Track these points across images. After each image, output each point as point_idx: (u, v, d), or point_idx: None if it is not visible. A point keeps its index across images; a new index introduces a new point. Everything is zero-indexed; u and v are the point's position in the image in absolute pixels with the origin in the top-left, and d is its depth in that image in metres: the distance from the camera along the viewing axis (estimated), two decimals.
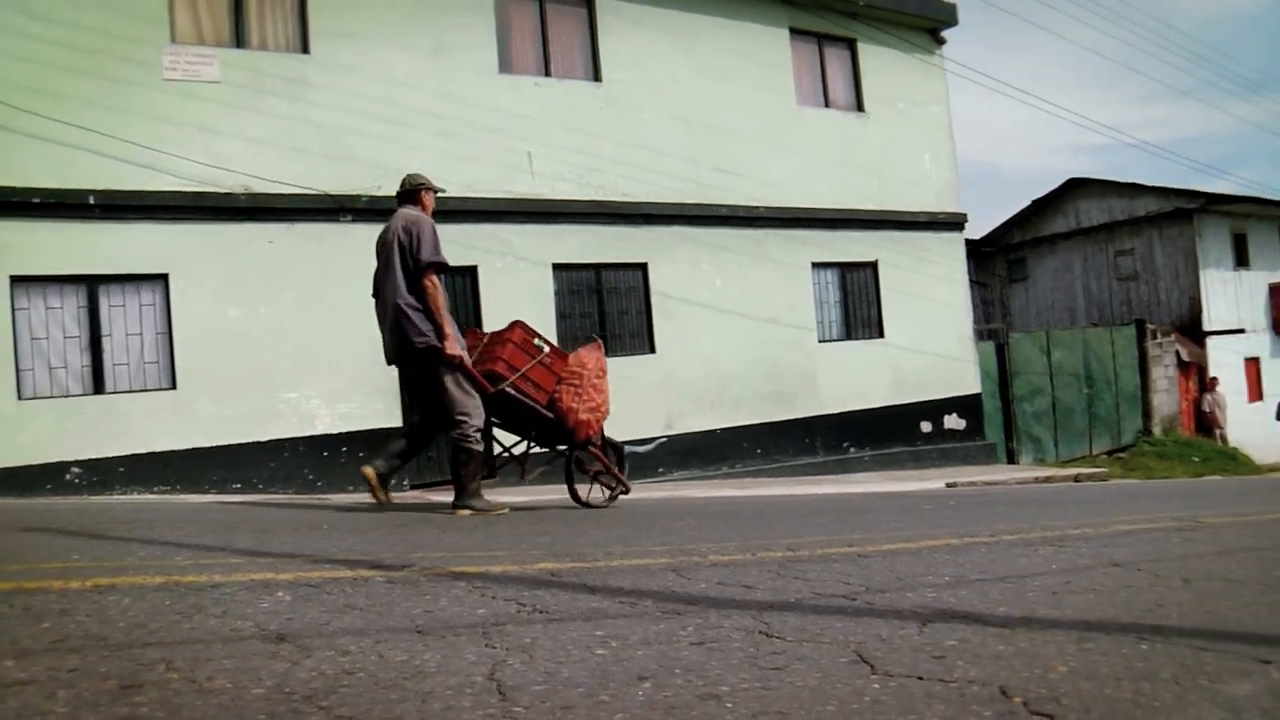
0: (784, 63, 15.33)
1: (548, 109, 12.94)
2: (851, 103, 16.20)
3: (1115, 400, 21.35)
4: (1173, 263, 25.01)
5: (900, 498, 10.19)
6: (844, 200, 15.39)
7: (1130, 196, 25.79)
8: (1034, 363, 18.96)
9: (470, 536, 5.82)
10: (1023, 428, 18.44)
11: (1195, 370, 24.06)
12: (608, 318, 13.17)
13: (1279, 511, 8.59)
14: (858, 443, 15.01)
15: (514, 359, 6.99)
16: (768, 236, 14.50)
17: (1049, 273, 27.55)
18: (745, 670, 2.58)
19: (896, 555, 5.07)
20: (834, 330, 15.21)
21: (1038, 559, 5.05)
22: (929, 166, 16.67)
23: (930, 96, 16.98)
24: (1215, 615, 3.66)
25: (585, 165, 13.03)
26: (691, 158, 13.91)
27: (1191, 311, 24.61)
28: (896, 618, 3.36)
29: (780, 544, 5.37)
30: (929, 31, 17.16)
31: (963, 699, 2.34)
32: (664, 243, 13.58)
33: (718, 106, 14.36)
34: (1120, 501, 10.25)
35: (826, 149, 15.50)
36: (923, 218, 16.25)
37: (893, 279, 15.73)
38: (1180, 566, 4.86)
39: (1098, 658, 2.84)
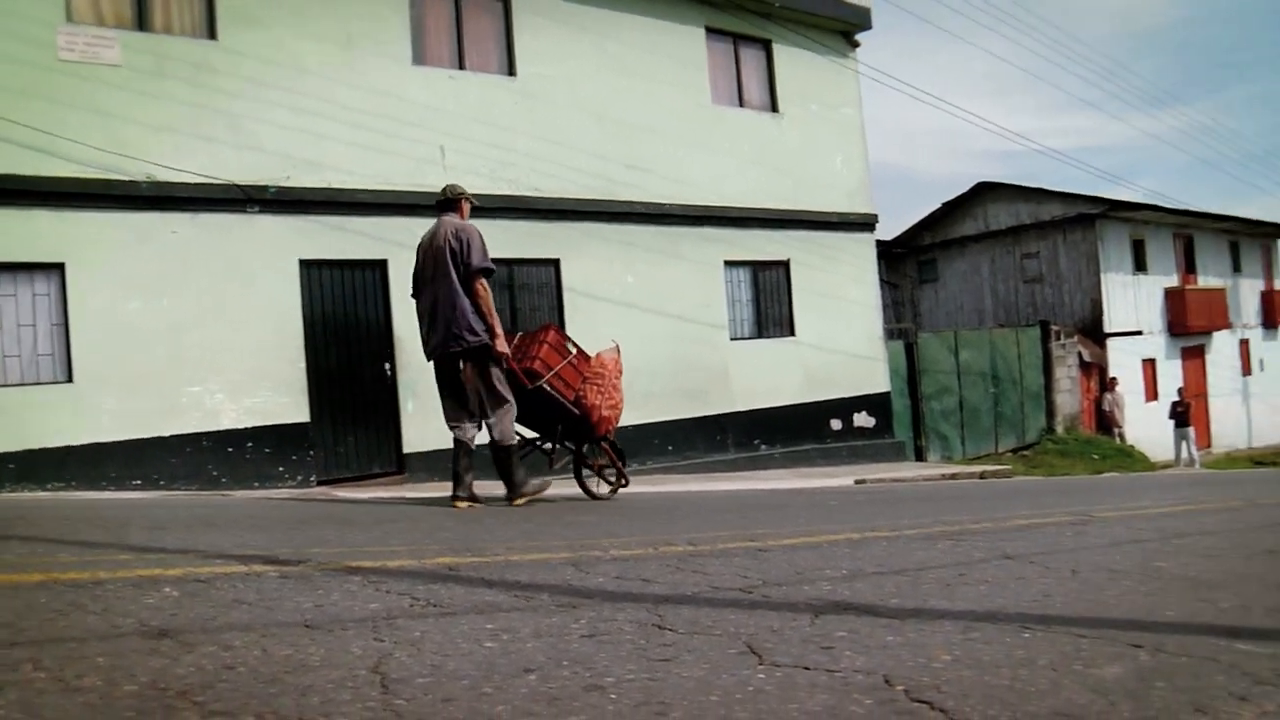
0: (699, 61, 15.39)
1: (461, 102, 12.82)
2: (766, 103, 16.32)
3: (1020, 399, 21.85)
4: (1076, 266, 25.69)
5: (808, 494, 10.31)
6: (757, 199, 15.51)
7: (1037, 201, 26.43)
8: (942, 362, 19.32)
9: (370, 532, 5.76)
10: (931, 426, 18.78)
11: (1096, 370, 24.74)
12: (519, 313, 13.09)
13: (1165, 506, 8.86)
14: (769, 440, 15.14)
15: (549, 359, 7.61)
16: (680, 234, 14.54)
17: (958, 274, 28.11)
18: (633, 662, 2.58)
19: (797, 550, 5.13)
20: (746, 328, 15.33)
21: (935, 552, 5.15)
22: (841, 167, 16.87)
23: (843, 98, 17.19)
24: (1097, 604, 3.76)
25: (498, 160, 12.93)
26: (605, 154, 13.89)
27: (1093, 314, 25.30)
28: (790, 610, 3.39)
29: (682, 539, 5.39)
30: (843, 34, 17.37)
31: (846, 688, 2.38)
32: (576, 239, 13.55)
33: (632, 103, 14.37)
34: (1021, 497, 10.49)
35: (740, 148, 15.59)
36: (834, 218, 16.45)
37: (804, 278, 15.89)
38: (1070, 559, 4.98)
39: (981, 646, 2.90)
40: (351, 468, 11.88)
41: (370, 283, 12.08)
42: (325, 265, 11.71)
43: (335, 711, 2.07)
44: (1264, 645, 3.12)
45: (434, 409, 12.05)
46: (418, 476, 12.04)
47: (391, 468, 12.11)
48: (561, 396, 7.69)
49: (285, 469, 11.19)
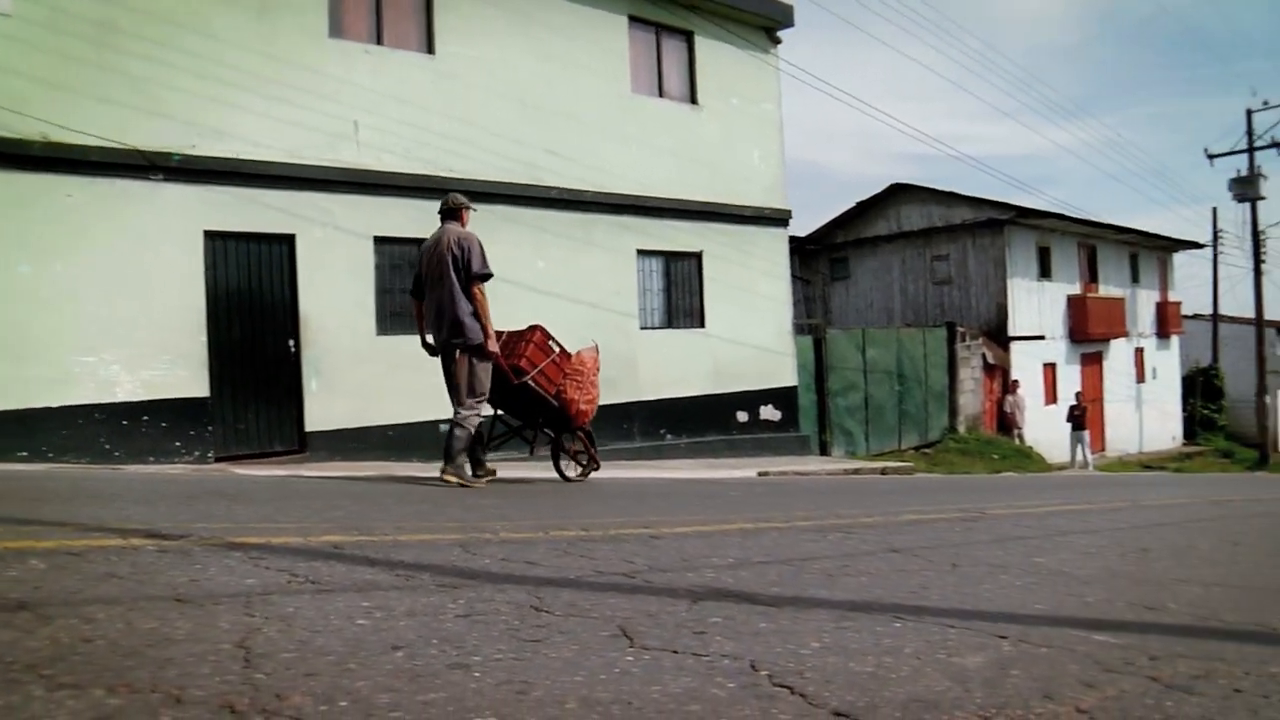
0: (621, 50, 15.37)
1: (378, 78, 12.63)
2: (686, 94, 16.37)
3: (924, 398, 22.27)
4: (984, 270, 26.23)
5: (709, 484, 10.39)
6: (673, 190, 15.55)
7: (948, 205, 26.92)
8: (850, 359, 19.60)
9: (261, 508, 5.67)
10: (836, 421, 19.05)
11: (999, 373, 25.32)
12: None
13: (1054, 505, 9.12)
14: (675, 430, 15.23)
15: (534, 357, 8.35)
16: (594, 221, 14.53)
17: (869, 273, 28.52)
18: (504, 642, 2.59)
19: (688, 538, 5.17)
20: (656, 318, 15.37)
21: (824, 544, 5.23)
22: (758, 162, 17.00)
23: (763, 94, 17.31)
24: (973, 596, 3.86)
25: (413, 138, 12.78)
26: (522, 138, 13.81)
27: (999, 317, 25.87)
28: (670, 596, 3.43)
29: (575, 524, 5.41)
30: (765, 30, 17.48)
31: (711, 671, 2.41)
32: (489, 222, 13.40)
33: (552, 89, 14.30)
34: (918, 494, 10.70)
35: (658, 138, 15.62)
36: (749, 212, 16.58)
37: (716, 270, 15.99)
38: (953, 553, 5.11)
39: (852, 635, 2.96)
40: (251, 444, 11.66)
41: (277, 257, 11.86)
42: (231, 238, 11.46)
43: (191, 684, 2.04)
44: (1120, 636, 3.24)
45: (338, 388, 11.99)
46: (319, 455, 11.88)
47: (293, 446, 11.93)
48: (543, 391, 8.43)
49: (182, 444, 10.95)
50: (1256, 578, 4.99)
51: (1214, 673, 2.85)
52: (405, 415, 12.56)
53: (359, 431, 12.23)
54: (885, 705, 2.22)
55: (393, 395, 12.46)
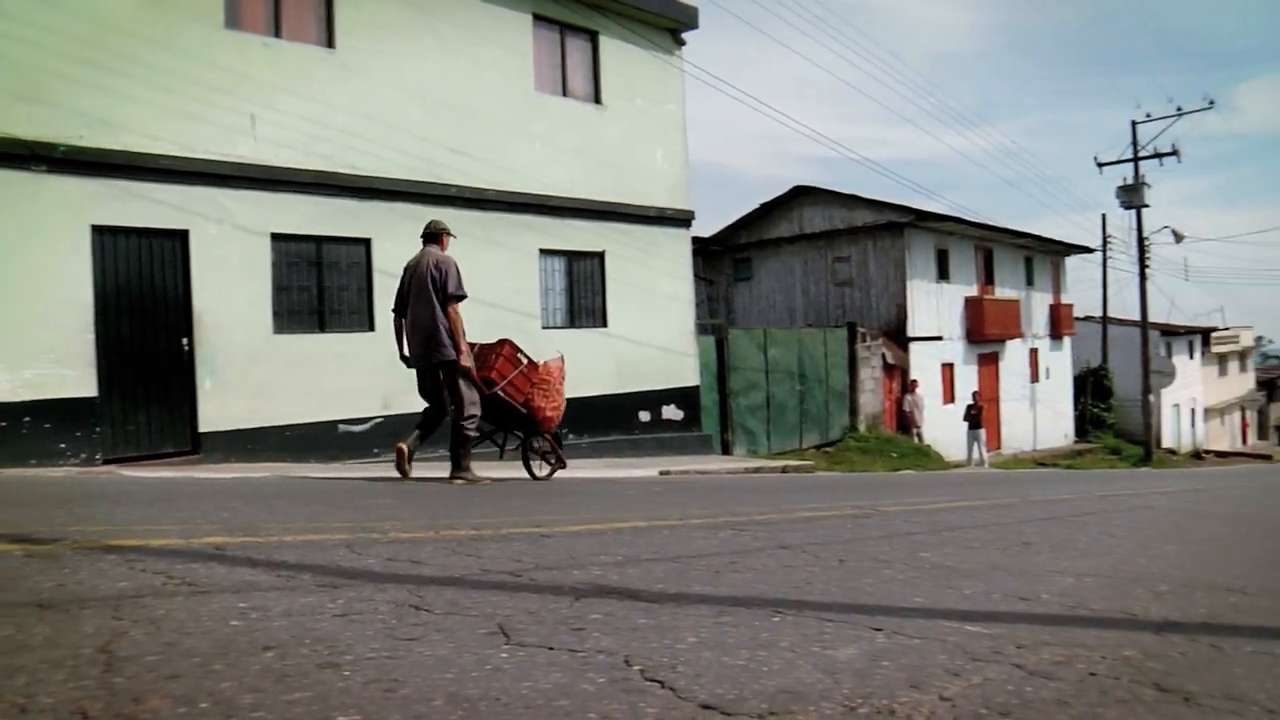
0: (525, 49, 15.33)
1: (276, 71, 12.41)
2: (590, 94, 16.39)
3: (825, 397, 22.61)
4: (884, 272, 26.72)
5: (608, 483, 10.42)
6: (576, 190, 15.56)
7: (850, 207, 27.37)
8: (751, 359, 19.80)
9: (144, 510, 5.54)
10: (738, 421, 19.23)
11: (899, 373, 25.82)
12: (328, 293, 12.80)
13: (946, 502, 9.33)
14: (577, 430, 15.21)
15: (503, 369, 9.13)
16: (497, 220, 14.47)
17: (772, 274, 28.85)
18: (378, 641, 2.57)
19: (579, 536, 5.18)
20: (558, 318, 15.36)
21: (715, 541, 5.28)
22: (661, 163, 17.09)
23: (667, 95, 17.40)
24: (854, 590, 3.93)
25: (312, 134, 12.59)
26: (424, 135, 13.69)
27: (898, 318, 26.38)
28: (553, 593, 3.43)
29: (468, 524, 5.38)
30: (670, 31, 17.59)
31: (583, 667, 2.42)
32: (390, 219, 13.31)
33: (455, 86, 14.21)
34: (816, 491, 10.86)
35: (562, 138, 15.62)
36: (652, 212, 16.66)
37: (619, 270, 16.04)
38: (842, 549, 5.19)
39: (730, 629, 3.00)
40: (142, 446, 11.37)
41: (170, 254, 11.59)
42: (121, 233, 11.17)
43: (41, 691, 1.99)
44: (991, 626, 3.34)
45: (233, 387, 11.74)
46: (214, 456, 11.64)
47: (186, 446, 11.67)
48: (512, 400, 9.20)
49: (68, 446, 10.63)
50: (1126, 567, 5.16)
51: (1074, 658, 2.95)
52: (303, 415, 12.38)
53: (255, 432, 12.00)
54: (754, 697, 2.25)
55: (290, 395, 12.27)
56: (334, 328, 12.83)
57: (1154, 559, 5.64)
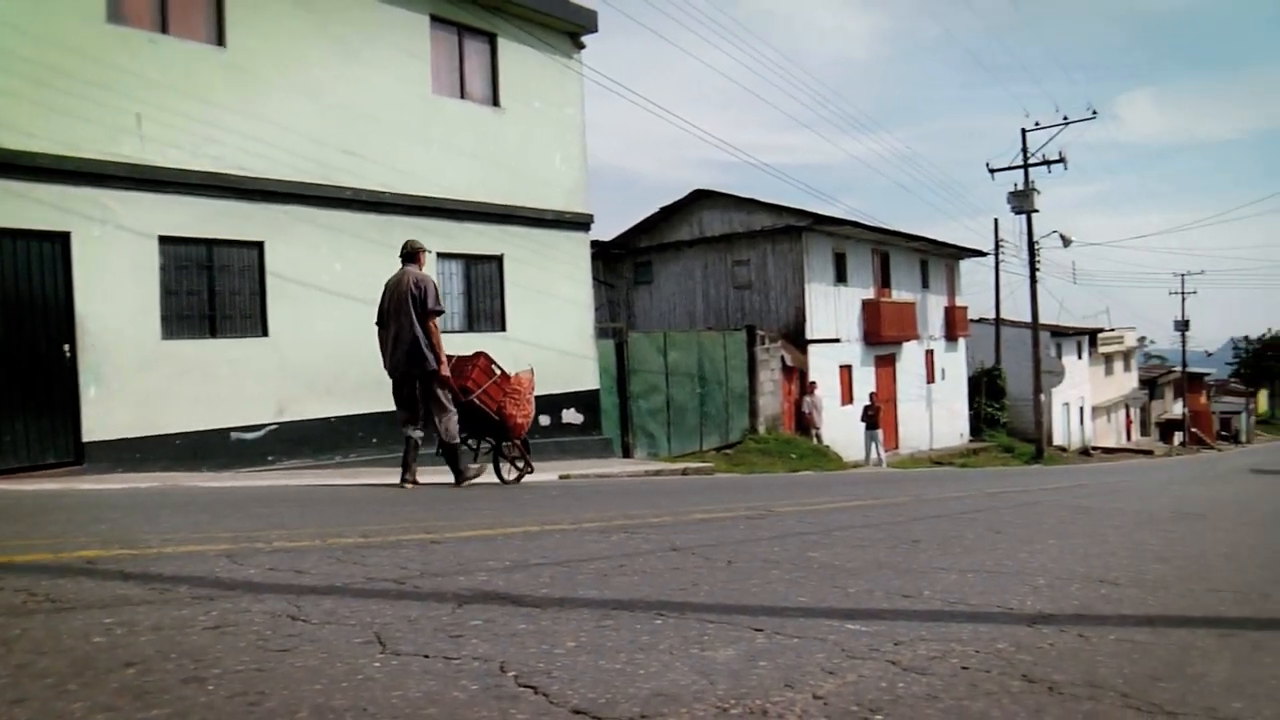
0: (422, 50, 15.17)
1: (163, 69, 12.06)
2: (488, 97, 16.28)
3: (725, 400, 22.79)
4: (783, 275, 27.04)
5: (504, 488, 10.36)
6: (473, 193, 15.45)
7: (749, 211, 27.63)
8: (651, 362, 19.87)
9: (15, 526, 5.35)
10: (638, 424, 19.28)
11: (797, 374, 26.15)
12: (218, 297, 12.49)
13: (841, 502, 9.46)
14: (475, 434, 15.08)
15: (478, 379, 9.84)
16: (393, 223, 14.26)
17: (673, 277, 28.99)
18: (249, 654, 2.52)
19: (469, 541, 5.14)
20: (457, 321, 15.21)
21: (606, 544, 5.28)
22: (560, 166, 17.06)
23: (566, 98, 17.38)
24: (740, 591, 3.96)
25: (202, 134, 12.28)
26: (318, 137, 13.46)
27: (797, 320, 26.72)
28: (436, 600, 3.40)
29: (356, 531, 5.30)
30: (569, 35, 17.56)
31: (457, 674, 2.40)
32: (283, 222, 13.06)
33: (349, 87, 13.99)
34: (713, 493, 10.93)
35: (460, 140, 15.49)
36: (550, 216, 16.61)
37: (518, 274, 15.96)
38: (732, 550, 5.23)
39: (611, 633, 3.00)
40: (20, 457, 10.95)
41: (50, 256, 11.20)
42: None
43: None
44: (871, 624, 3.39)
45: (119, 395, 11.40)
46: (99, 467, 11.28)
47: (69, 457, 11.28)
48: (486, 408, 9.92)
49: None
50: (1008, 562, 5.29)
51: (949, 653, 3.02)
52: (194, 423, 12.08)
53: (143, 441, 11.66)
54: (626, 701, 2.25)
55: (180, 402, 11.95)
56: (226, 333, 12.54)
57: (1035, 554, 5.79)
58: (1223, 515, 9.53)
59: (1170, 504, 10.84)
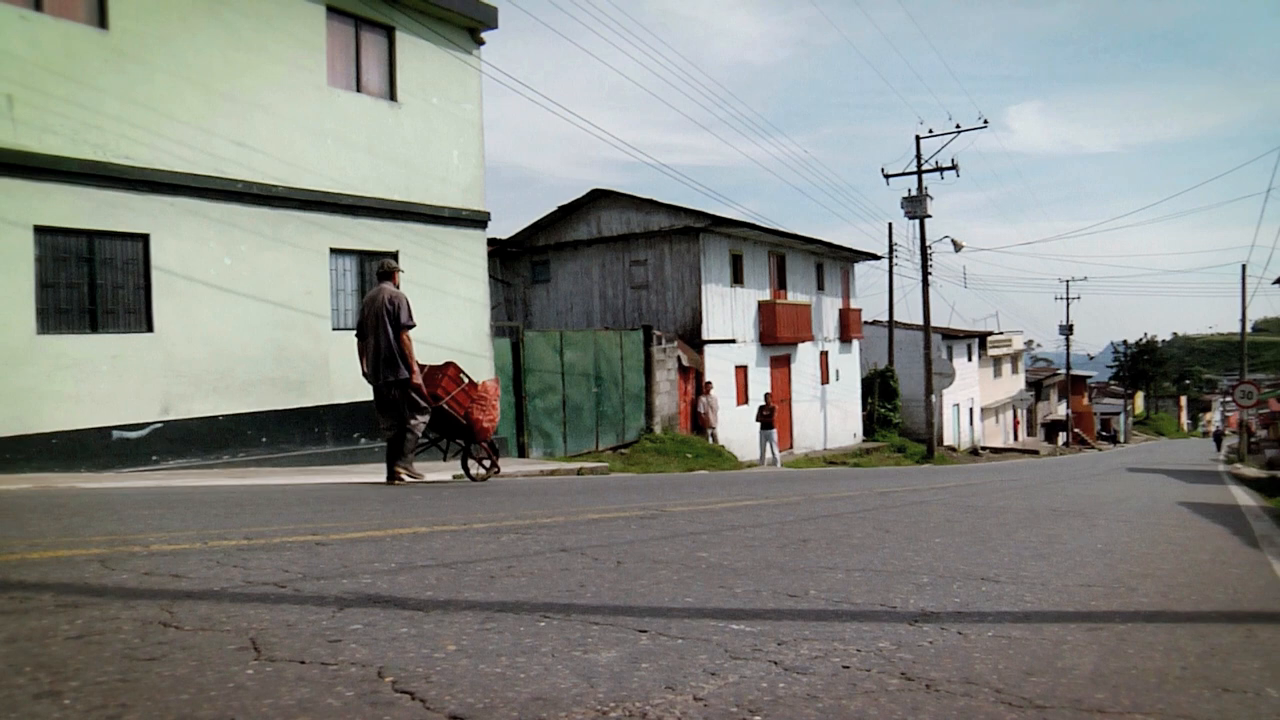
0: (318, 41, 14.86)
1: (38, 49, 11.55)
2: (385, 91, 16.04)
3: (621, 399, 22.81)
4: (680, 276, 27.17)
5: (397, 489, 10.20)
6: (369, 188, 15.21)
7: (647, 211, 27.70)
8: (547, 361, 19.80)
9: None
10: (534, 423, 19.19)
11: (694, 375, 26.30)
12: (100, 290, 12.06)
13: (733, 501, 9.53)
14: (369, 433, 14.86)
15: (448, 386, 10.88)
16: (286, 218, 13.98)
17: (570, 276, 28.93)
18: (114, 663, 2.43)
19: (357, 543, 5.05)
20: (349, 319, 14.94)
21: (495, 545, 5.23)
22: (457, 162, 16.89)
23: (464, 94, 17.21)
24: (628, 593, 3.96)
25: (82, 120, 11.84)
26: (207, 127, 13.10)
27: (694, 321, 26.88)
28: (317, 604, 3.33)
29: (240, 533, 5.17)
30: (469, 30, 17.39)
31: (333, 680, 2.35)
32: (171, 215, 12.68)
33: (241, 76, 13.63)
34: (607, 493, 10.91)
35: (355, 134, 15.23)
36: (447, 212, 16.44)
37: (413, 271, 15.73)
38: (622, 551, 5.23)
39: (493, 636, 2.97)
40: None
41: None
42: None
43: None
44: (756, 625, 3.42)
45: None
46: None
47: None
48: (454, 413, 10.94)
49: None
50: (894, 561, 5.39)
51: (831, 653, 3.06)
52: (72, 421, 11.65)
53: (16, 441, 11.20)
54: (504, 706, 2.23)
55: (57, 400, 11.52)
56: (108, 328, 12.12)
57: (920, 552, 5.91)
58: (1100, 512, 9.86)
59: (1052, 502, 11.18)
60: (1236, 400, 39.60)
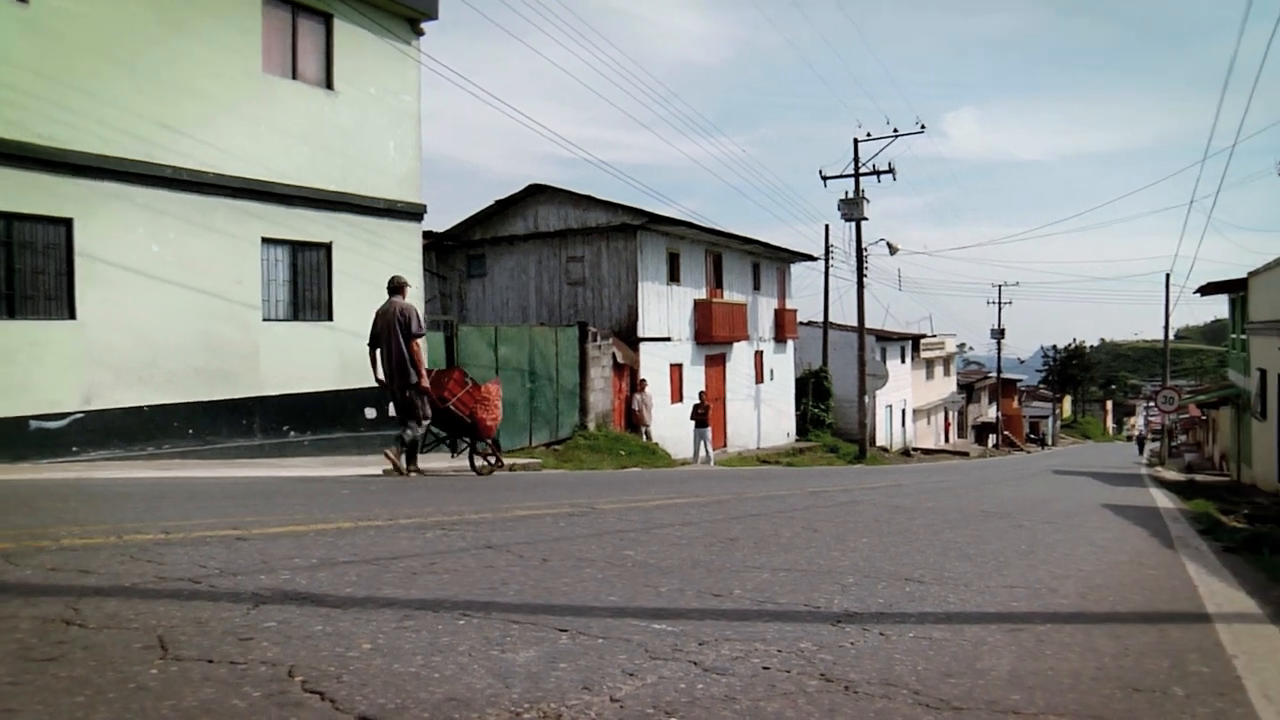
0: (253, 26, 14.56)
1: None
2: (321, 79, 15.77)
3: (556, 396, 22.70)
4: (617, 272, 27.12)
5: (325, 483, 10.06)
6: (303, 177, 14.95)
7: (585, 208, 27.60)
8: (481, 356, 19.62)
9: None
10: None
11: (628, 372, 26.28)
12: (18, 275, 11.69)
13: (664, 499, 9.54)
14: (299, 427, 14.64)
15: (454, 389, 12.05)
16: (216, 205, 13.68)
17: (506, 271, 28.73)
18: (4, 664, 2.34)
19: (278, 538, 4.95)
20: (281, 310, 14.69)
21: (420, 542, 5.17)
22: (394, 154, 16.68)
23: (403, 85, 17.00)
24: (551, 591, 3.93)
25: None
26: (135, 109, 12.77)
27: (629, 319, 26.85)
28: (231, 601, 3.25)
29: (157, 526, 5.05)
30: (408, 20, 17.18)
31: (240, 680, 2.29)
32: (96, 199, 12.35)
33: (171, 58, 13.30)
34: (539, 489, 10.86)
35: (290, 122, 14.96)
36: (382, 204, 16.22)
37: (347, 262, 15.52)
38: (548, 548, 5.20)
39: (410, 635, 2.92)
40: None
41: None
42: None
43: None
44: (678, 624, 3.40)
45: None
46: None
47: None
48: (460, 413, 12.11)
49: None
50: (821, 561, 5.41)
51: (752, 653, 3.05)
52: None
53: None
54: (416, 706, 2.19)
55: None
56: (27, 314, 11.78)
57: (848, 552, 5.95)
58: (1025, 514, 10.01)
59: (979, 503, 11.34)
60: (1159, 405, 40.50)
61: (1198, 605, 4.79)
